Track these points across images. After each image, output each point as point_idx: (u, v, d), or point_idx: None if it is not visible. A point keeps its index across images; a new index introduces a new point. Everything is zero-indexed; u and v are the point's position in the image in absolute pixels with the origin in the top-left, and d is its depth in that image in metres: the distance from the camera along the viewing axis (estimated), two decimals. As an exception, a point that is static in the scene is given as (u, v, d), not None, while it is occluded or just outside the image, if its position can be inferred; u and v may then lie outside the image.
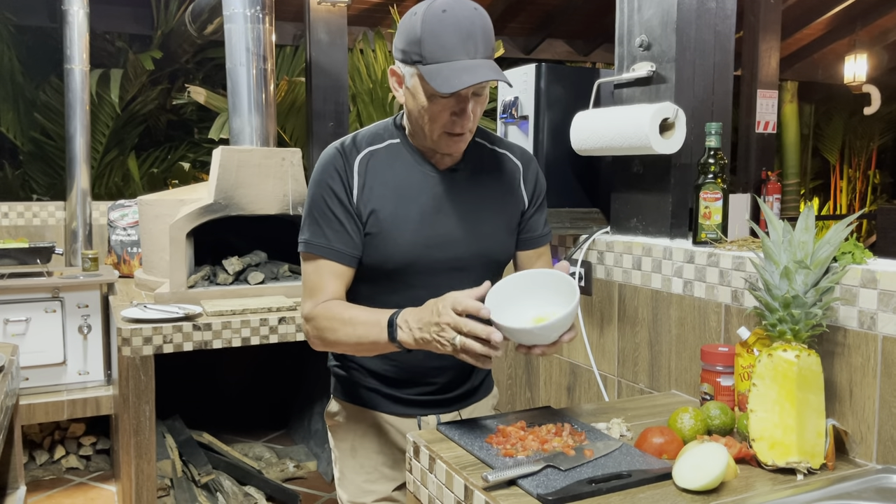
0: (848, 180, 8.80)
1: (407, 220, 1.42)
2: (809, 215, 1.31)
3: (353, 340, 1.37)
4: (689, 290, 1.75)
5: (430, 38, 1.29)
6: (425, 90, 1.34)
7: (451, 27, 1.29)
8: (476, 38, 1.31)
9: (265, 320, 2.76)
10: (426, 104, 1.35)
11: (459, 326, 1.20)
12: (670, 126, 1.81)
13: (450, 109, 1.35)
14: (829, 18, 7.13)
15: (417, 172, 1.45)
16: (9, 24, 5.26)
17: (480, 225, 1.48)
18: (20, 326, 3.09)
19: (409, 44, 1.33)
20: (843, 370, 1.38)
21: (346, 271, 1.43)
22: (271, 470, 3.21)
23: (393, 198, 1.43)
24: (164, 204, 3.17)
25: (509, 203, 1.53)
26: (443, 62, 1.29)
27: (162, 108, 6.06)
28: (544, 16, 6.52)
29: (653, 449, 1.29)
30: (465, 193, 1.47)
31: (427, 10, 1.31)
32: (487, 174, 1.52)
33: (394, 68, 1.40)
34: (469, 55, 1.30)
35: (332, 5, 4.34)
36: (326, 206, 1.42)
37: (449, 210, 1.45)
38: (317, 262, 1.43)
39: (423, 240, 1.43)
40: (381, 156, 1.45)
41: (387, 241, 1.42)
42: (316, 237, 1.42)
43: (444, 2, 1.31)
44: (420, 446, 1.36)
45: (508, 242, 1.54)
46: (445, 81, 1.28)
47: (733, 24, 1.90)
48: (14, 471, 2.04)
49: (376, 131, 1.49)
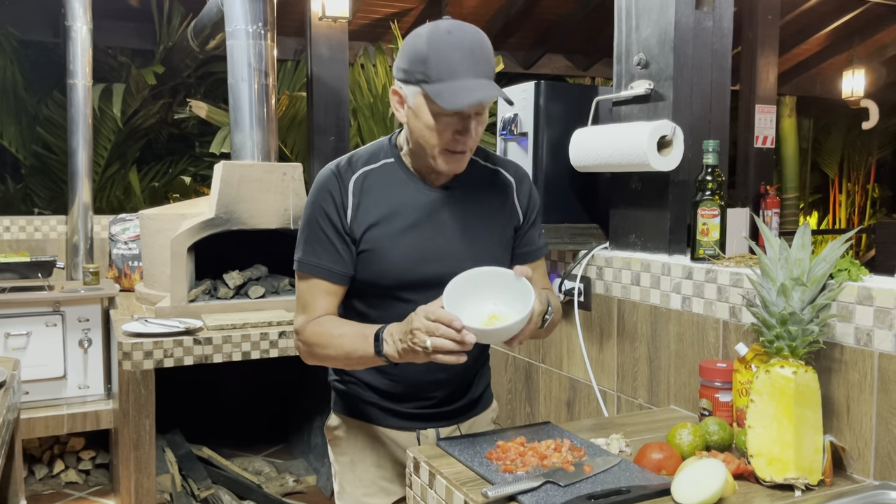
0: (847, 194, 8.82)
1: (401, 238, 1.45)
2: (806, 232, 1.32)
3: (343, 354, 1.41)
4: (687, 306, 1.76)
5: (436, 58, 1.33)
6: (430, 108, 1.37)
7: (456, 47, 1.34)
8: (479, 58, 1.35)
9: (265, 334, 2.77)
10: (430, 122, 1.38)
11: (432, 330, 1.25)
12: (668, 143, 1.82)
13: (453, 128, 1.38)
14: (826, 34, 7.18)
15: (411, 190, 1.48)
16: (12, 38, 5.29)
17: (474, 241, 1.50)
18: (21, 340, 3.10)
19: (413, 63, 1.36)
20: (840, 386, 1.39)
21: (337, 289, 1.48)
22: (271, 484, 3.21)
23: (387, 216, 1.46)
24: (166, 218, 3.18)
25: (503, 218, 1.55)
26: (448, 80, 1.33)
27: (163, 122, 6.09)
28: (544, 31, 6.57)
29: (652, 465, 1.30)
30: (458, 210, 1.49)
31: (432, 32, 1.35)
32: (481, 190, 1.54)
33: (395, 88, 1.43)
34: (473, 74, 1.34)
35: (333, 21, 4.38)
36: (319, 228, 1.46)
37: (443, 226, 1.48)
38: (309, 281, 1.47)
39: (417, 256, 1.46)
40: (375, 175, 1.48)
41: (381, 258, 1.45)
42: (308, 256, 1.47)
43: (448, 24, 1.36)
44: (420, 462, 1.37)
45: (502, 258, 1.55)
46: (452, 99, 1.32)
47: (730, 43, 1.92)
48: (14, 485, 2.05)
49: (372, 151, 1.52)
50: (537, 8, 6.19)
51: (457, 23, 1.37)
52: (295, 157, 5.27)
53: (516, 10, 6.05)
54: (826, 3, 6.46)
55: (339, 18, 4.35)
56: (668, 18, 1.83)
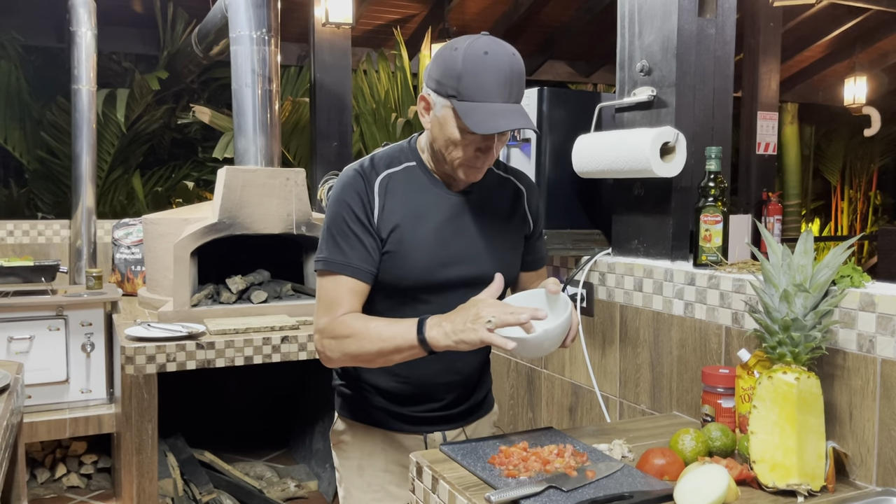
0: (849, 201, 8.82)
1: (424, 240, 1.47)
2: (808, 239, 1.32)
3: (377, 347, 1.38)
4: (689, 312, 1.76)
5: (469, 77, 1.34)
6: (457, 124, 1.38)
7: (490, 70, 1.34)
8: (512, 83, 1.36)
9: (268, 339, 2.78)
10: (454, 137, 1.40)
11: (499, 308, 1.29)
12: (671, 150, 1.83)
13: (476, 145, 1.40)
14: (828, 41, 7.20)
15: (433, 194, 1.50)
16: (17, 44, 5.31)
17: (490, 245, 1.53)
18: (24, 344, 3.10)
19: (446, 77, 1.37)
20: (842, 393, 1.39)
21: (363, 289, 1.46)
22: (272, 489, 3.21)
23: (411, 218, 1.47)
24: (169, 223, 3.19)
25: (515, 225, 1.60)
26: (478, 102, 1.34)
27: (166, 128, 6.11)
28: (546, 37, 6.59)
29: (654, 470, 1.30)
30: (476, 215, 1.52)
31: (469, 49, 1.35)
32: (497, 197, 1.58)
33: (424, 95, 1.44)
34: (503, 99, 1.36)
35: (336, 27, 4.39)
36: (346, 225, 1.44)
37: (462, 230, 1.50)
38: (336, 279, 1.45)
39: (439, 259, 1.47)
40: (398, 178, 1.49)
41: (405, 259, 1.46)
42: (335, 255, 1.45)
43: (485, 43, 1.36)
44: (423, 466, 1.37)
45: (514, 262, 1.61)
46: (480, 122, 1.33)
47: (732, 50, 1.93)
48: (17, 489, 2.05)
49: (392, 154, 1.53)
50: (539, 15, 6.21)
51: (494, 43, 1.37)
52: (297, 162, 5.28)
53: (518, 16, 6.07)
54: (828, 11, 6.47)
55: (342, 24, 4.37)
56: (672, 25, 1.84)
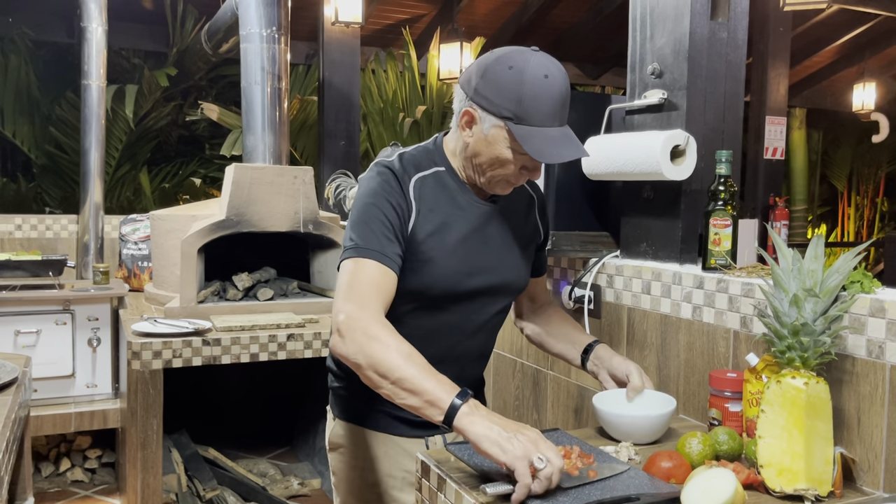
0: (856, 207, 8.80)
1: (453, 249, 1.45)
2: (819, 243, 1.32)
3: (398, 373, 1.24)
4: (698, 316, 1.76)
5: (531, 103, 1.33)
6: (511, 146, 1.37)
7: (550, 96, 1.34)
8: (566, 107, 1.38)
9: (274, 336, 2.78)
10: (504, 157, 1.38)
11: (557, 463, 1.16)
12: (681, 153, 1.83)
13: (522, 164, 1.40)
14: (837, 47, 7.18)
15: (462, 202, 1.48)
16: (27, 39, 5.33)
17: (510, 255, 1.54)
18: (31, 338, 3.11)
19: (503, 98, 1.34)
20: (851, 398, 1.38)
21: (390, 285, 1.37)
22: (276, 487, 3.21)
23: (441, 226, 1.45)
24: (176, 219, 3.20)
25: (530, 234, 1.62)
26: (536, 127, 1.34)
27: (174, 124, 6.13)
28: (554, 39, 6.59)
29: (661, 473, 1.30)
30: (499, 224, 1.53)
31: (529, 73, 1.33)
32: (516, 205, 1.59)
33: (469, 110, 1.39)
34: (559, 122, 1.37)
35: (345, 26, 4.40)
36: (384, 217, 1.39)
37: (488, 240, 1.50)
38: (365, 266, 1.35)
39: (466, 268, 1.47)
40: (429, 183, 1.46)
41: (434, 268, 1.44)
42: (368, 242, 1.37)
43: (542, 64, 1.35)
44: (430, 465, 1.37)
45: (528, 272, 1.62)
46: (542, 150, 1.33)
47: (744, 54, 1.92)
48: (23, 482, 2.05)
49: (419, 156, 1.49)
50: (548, 17, 6.21)
51: (551, 64, 1.35)
52: (305, 160, 5.29)
53: (527, 17, 6.08)
54: (837, 16, 6.46)
55: (351, 23, 4.38)
56: (683, 29, 1.84)
